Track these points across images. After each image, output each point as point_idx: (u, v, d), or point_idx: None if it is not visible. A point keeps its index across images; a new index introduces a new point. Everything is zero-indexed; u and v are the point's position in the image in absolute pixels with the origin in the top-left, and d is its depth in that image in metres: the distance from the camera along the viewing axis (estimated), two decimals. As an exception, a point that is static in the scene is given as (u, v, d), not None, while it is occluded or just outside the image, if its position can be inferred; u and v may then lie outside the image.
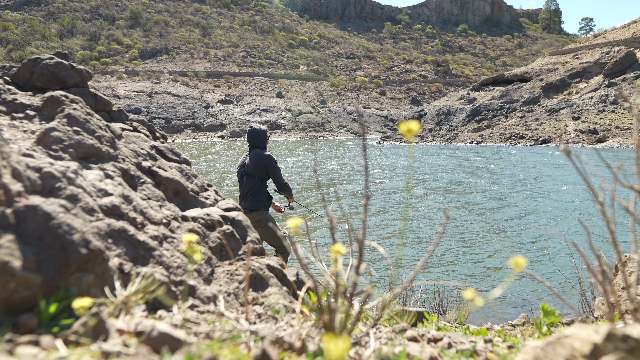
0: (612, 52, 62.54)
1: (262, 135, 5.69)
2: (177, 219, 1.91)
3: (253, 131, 5.69)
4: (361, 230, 1.13)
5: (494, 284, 6.80)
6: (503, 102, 59.82)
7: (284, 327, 1.33)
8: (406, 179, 18.68)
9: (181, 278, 1.57)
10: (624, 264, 2.61)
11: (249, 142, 5.70)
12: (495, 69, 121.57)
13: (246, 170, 5.52)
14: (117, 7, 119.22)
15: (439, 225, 10.58)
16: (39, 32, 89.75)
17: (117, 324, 1.06)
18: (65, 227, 1.15)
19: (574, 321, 3.02)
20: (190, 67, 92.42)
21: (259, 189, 5.46)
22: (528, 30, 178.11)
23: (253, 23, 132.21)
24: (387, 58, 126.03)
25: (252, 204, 5.39)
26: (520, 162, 26.11)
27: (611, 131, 38.77)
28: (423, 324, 2.20)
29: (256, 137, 5.66)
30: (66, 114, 1.78)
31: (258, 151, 5.59)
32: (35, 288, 1.05)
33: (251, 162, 5.50)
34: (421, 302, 5.03)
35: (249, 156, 5.58)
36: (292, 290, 2.03)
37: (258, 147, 5.66)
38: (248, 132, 5.73)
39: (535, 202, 13.60)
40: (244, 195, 5.51)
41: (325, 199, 1.19)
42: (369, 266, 1.18)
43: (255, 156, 5.51)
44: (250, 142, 5.69)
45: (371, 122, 77.00)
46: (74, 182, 1.41)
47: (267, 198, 5.56)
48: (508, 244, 8.98)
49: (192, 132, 65.48)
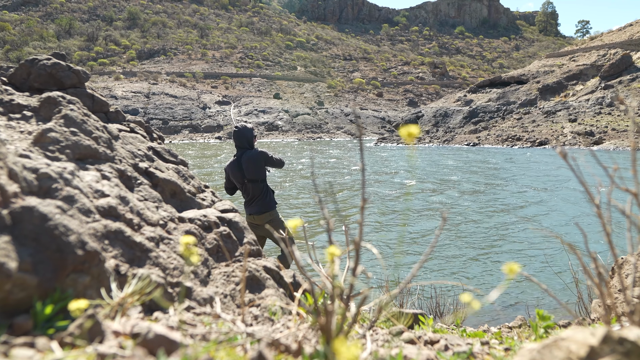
0: (608, 54, 62.77)
1: (248, 134, 5.46)
2: (173, 220, 1.91)
3: (238, 131, 5.46)
4: (358, 232, 1.12)
5: (491, 285, 6.80)
6: (500, 104, 59.96)
7: (281, 329, 1.33)
8: (406, 185, 18.70)
9: (177, 279, 1.57)
10: (620, 266, 2.62)
11: (236, 143, 5.45)
12: (492, 71, 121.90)
13: (248, 177, 5.31)
14: (115, 8, 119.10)
15: (437, 227, 10.59)
16: (36, 32, 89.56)
17: (113, 326, 1.06)
18: (61, 229, 1.15)
19: (571, 323, 3.03)
20: (188, 68, 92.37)
21: (265, 191, 5.34)
22: (525, 32, 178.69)
23: (251, 24, 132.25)
24: (385, 60, 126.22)
25: (261, 207, 5.29)
26: (518, 164, 26.17)
27: (608, 133, 38.91)
28: (420, 326, 2.21)
29: (242, 138, 5.42)
30: (63, 115, 1.78)
31: (249, 153, 5.33)
32: (31, 289, 1.05)
33: (249, 167, 5.27)
34: (418, 304, 5.03)
35: (242, 161, 5.32)
36: (288, 291, 2.03)
37: (245, 147, 5.42)
38: (234, 134, 5.50)
39: (533, 203, 13.63)
40: (250, 200, 5.37)
41: (322, 201, 1.19)
42: (366, 268, 1.18)
43: (251, 159, 5.28)
44: (237, 143, 5.44)
45: (368, 123, 77.07)
46: (70, 183, 1.41)
47: (273, 194, 5.47)
48: (505, 246, 9.00)
49: (189, 133, 65.41)
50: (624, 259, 2.81)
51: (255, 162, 5.31)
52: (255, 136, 5.53)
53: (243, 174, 5.37)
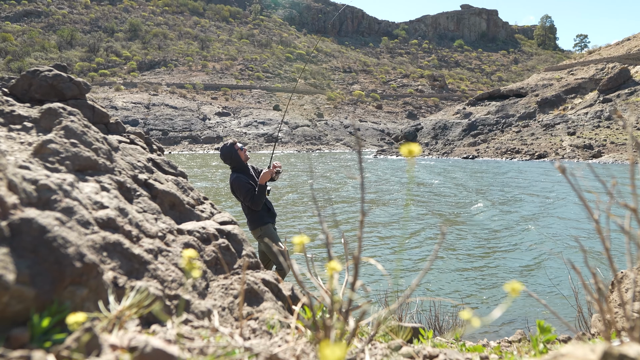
0: (606, 68, 63.16)
1: (229, 153, 5.20)
2: (172, 232, 1.91)
3: (221, 154, 5.27)
4: (357, 246, 1.12)
5: (491, 299, 6.77)
6: (499, 116, 60.19)
7: (279, 343, 1.32)
8: (406, 197, 18.69)
9: (176, 292, 1.56)
10: (619, 281, 2.61)
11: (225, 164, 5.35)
12: (491, 84, 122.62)
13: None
14: (117, 20, 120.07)
15: (437, 241, 10.58)
16: (38, 43, 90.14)
17: (110, 339, 1.05)
18: (60, 241, 1.15)
19: (571, 338, 3.02)
20: (188, 79, 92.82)
21: (249, 210, 5.24)
22: (523, 46, 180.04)
23: (251, 36, 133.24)
24: (384, 72, 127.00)
25: (251, 224, 5.27)
26: (518, 177, 26.19)
27: (606, 147, 39.04)
28: (419, 340, 2.19)
29: (226, 158, 5.24)
30: (63, 126, 1.78)
31: (231, 176, 5.21)
32: (28, 302, 1.04)
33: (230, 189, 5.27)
34: (417, 317, 5.00)
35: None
36: (287, 305, 2.02)
37: (233, 167, 5.25)
38: (220, 156, 5.32)
39: (533, 217, 13.62)
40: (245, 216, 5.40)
41: (321, 214, 1.19)
42: (365, 283, 1.18)
43: (230, 183, 5.20)
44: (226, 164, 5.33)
45: (368, 135, 77.30)
46: (69, 194, 1.41)
47: (265, 213, 5.30)
48: (505, 260, 8.97)
49: (189, 144, 65.54)
50: (624, 273, 2.81)
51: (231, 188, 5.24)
52: (241, 149, 5.27)
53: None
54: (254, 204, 5.09)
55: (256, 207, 5.11)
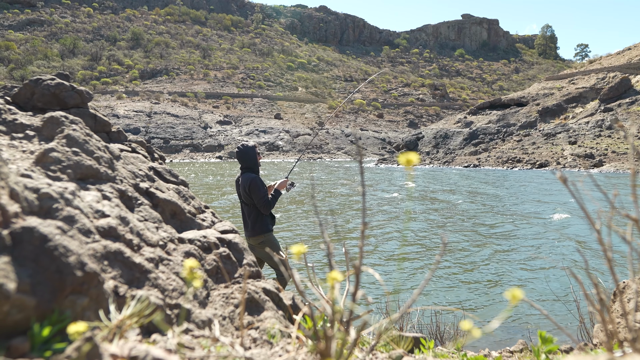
0: (607, 77, 63.31)
1: (251, 153, 5.30)
2: (173, 241, 1.91)
3: (240, 151, 5.33)
4: (358, 256, 1.12)
5: (493, 309, 6.74)
6: (500, 125, 60.27)
7: (280, 353, 1.32)
8: (405, 207, 18.68)
9: (176, 301, 1.56)
10: (622, 291, 2.60)
11: (240, 163, 5.38)
12: (492, 93, 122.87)
13: (242, 199, 5.32)
14: (119, 29, 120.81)
15: (439, 251, 10.55)
16: (40, 51, 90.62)
17: (111, 349, 1.05)
18: (61, 249, 1.15)
19: (573, 349, 3.00)
20: (190, 87, 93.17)
21: (257, 216, 5.23)
22: (524, 55, 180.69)
23: (253, 45, 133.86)
24: (385, 81, 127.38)
25: (253, 231, 5.24)
26: (520, 187, 26.16)
27: (608, 156, 39.01)
28: (420, 350, 2.18)
29: (246, 158, 5.30)
30: (65, 135, 1.79)
31: (247, 175, 5.24)
32: (29, 311, 1.04)
33: (244, 190, 5.21)
34: (418, 326, 4.98)
35: (241, 182, 5.27)
36: (288, 314, 2.01)
37: (249, 167, 5.31)
38: (237, 153, 5.36)
39: (535, 227, 13.59)
40: (245, 222, 5.34)
41: (323, 225, 1.19)
42: (366, 292, 1.17)
43: (245, 183, 5.20)
44: (240, 163, 5.37)
45: (369, 144, 77.38)
46: (71, 203, 1.41)
47: (270, 220, 5.34)
48: (507, 269, 8.94)
49: (190, 152, 65.66)
50: (626, 283, 2.79)
51: (245, 187, 5.22)
52: (258, 154, 5.42)
53: (240, 195, 5.38)
54: (267, 207, 5.18)
55: (267, 211, 5.21)
